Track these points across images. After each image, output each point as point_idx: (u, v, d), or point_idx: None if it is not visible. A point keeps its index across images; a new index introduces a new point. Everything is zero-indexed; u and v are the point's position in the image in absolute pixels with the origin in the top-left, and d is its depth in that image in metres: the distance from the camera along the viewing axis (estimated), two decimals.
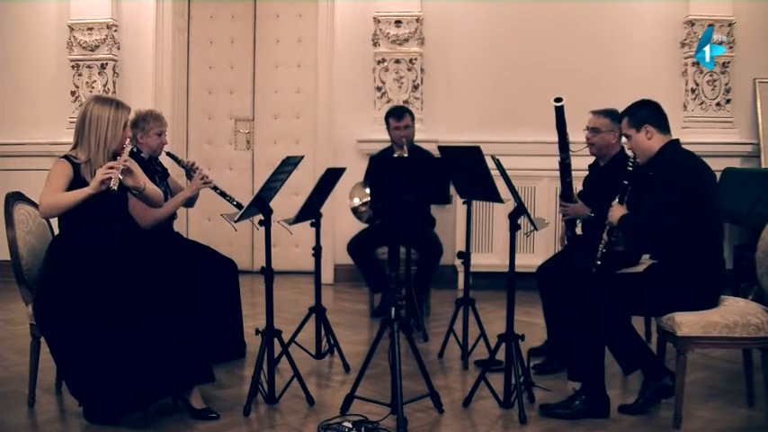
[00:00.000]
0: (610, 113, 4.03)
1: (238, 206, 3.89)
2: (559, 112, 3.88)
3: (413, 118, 5.15)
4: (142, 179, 3.26)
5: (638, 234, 3.35)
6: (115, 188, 3.04)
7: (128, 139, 3.27)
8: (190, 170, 4.04)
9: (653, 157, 3.29)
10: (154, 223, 3.82)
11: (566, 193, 4.07)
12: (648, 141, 3.28)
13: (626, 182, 3.39)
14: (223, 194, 4.02)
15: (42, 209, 3.12)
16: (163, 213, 3.86)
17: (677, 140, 3.32)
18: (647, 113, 3.31)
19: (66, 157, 3.20)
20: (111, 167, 3.06)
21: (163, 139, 4.01)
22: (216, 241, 4.72)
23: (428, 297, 5.17)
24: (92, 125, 3.17)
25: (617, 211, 3.35)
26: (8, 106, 6.32)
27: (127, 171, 3.14)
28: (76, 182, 3.15)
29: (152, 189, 3.38)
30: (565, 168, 4.01)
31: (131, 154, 3.93)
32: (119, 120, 3.20)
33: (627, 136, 3.36)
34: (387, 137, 5.23)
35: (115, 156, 3.21)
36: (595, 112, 4.07)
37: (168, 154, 4.15)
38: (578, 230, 4.23)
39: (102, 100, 3.25)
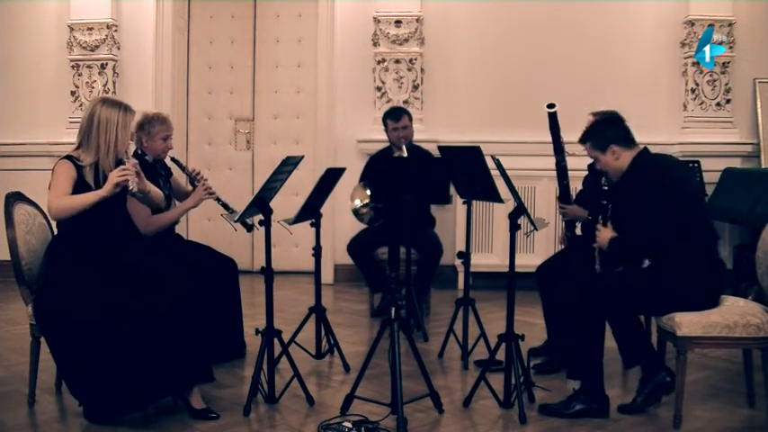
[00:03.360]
0: (609, 114, 4.02)
1: (241, 220, 3.81)
2: (552, 117, 3.89)
3: (411, 118, 5.15)
4: (147, 185, 3.28)
5: (629, 253, 3.32)
6: (135, 189, 3.08)
7: (130, 142, 3.27)
8: (194, 179, 4.01)
9: (625, 173, 3.27)
10: (155, 231, 3.81)
11: (563, 195, 4.08)
12: (617, 161, 3.26)
13: (604, 201, 3.36)
14: (226, 206, 3.99)
15: (53, 211, 3.11)
16: (164, 221, 3.86)
17: (645, 149, 3.29)
18: (610, 134, 3.27)
19: (68, 157, 3.19)
20: (125, 170, 3.07)
21: (168, 143, 3.98)
22: (216, 241, 4.72)
23: (428, 297, 5.17)
24: (100, 128, 3.15)
25: (604, 234, 3.30)
26: (8, 106, 6.31)
27: (138, 174, 3.15)
28: (79, 183, 3.14)
29: (156, 192, 3.40)
30: (561, 171, 4.02)
31: (135, 155, 3.94)
32: (127, 124, 3.20)
33: (594, 158, 3.34)
34: (386, 137, 5.23)
35: (119, 160, 3.21)
36: (595, 114, 4.07)
37: (173, 159, 4.12)
38: (578, 231, 4.23)
39: (111, 102, 3.23)
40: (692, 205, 3.19)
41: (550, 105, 3.88)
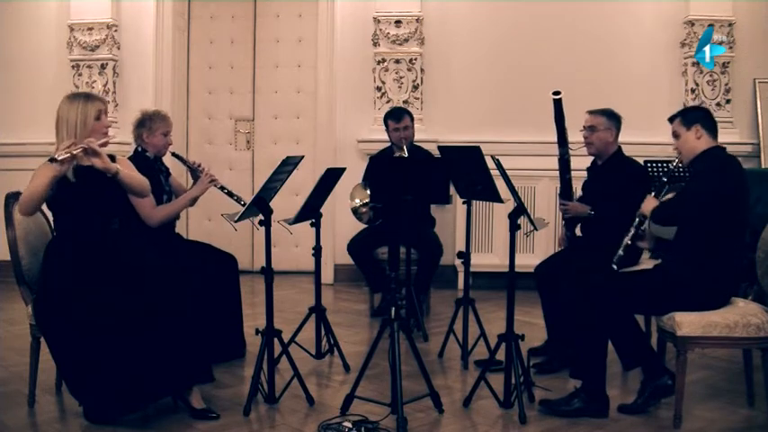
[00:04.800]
0: (605, 112, 4.04)
1: (245, 205, 3.87)
2: (558, 105, 3.88)
3: (412, 119, 5.15)
4: (113, 165, 3.17)
5: (670, 222, 3.35)
6: (59, 159, 2.97)
7: (107, 129, 3.25)
8: (195, 170, 4.04)
9: (695, 159, 3.30)
10: (162, 221, 3.84)
11: (565, 191, 4.08)
12: (696, 141, 3.28)
13: (665, 179, 3.43)
14: (230, 194, 4.02)
15: (20, 205, 3.12)
16: (169, 211, 3.88)
17: (724, 147, 3.32)
18: (700, 115, 3.33)
19: (52, 159, 3.18)
20: (67, 146, 3.03)
21: (168, 139, 4.03)
22: (216, 241, 4.70)
23: (428, 297, 5.18)
24: (61, 122, 3.18)
25: (650, 202, 3.38)
26: (8, 106, 6.31)
27: (91, 152, 3.07)
28: (60, 180, 3.10)
29: (130, 176, 3.27)
30: (564, 164, 4.02)
31: (136, 153, 3.97)
32: (89, 111, 3.19)
33: (676, 135, 3.35)
34: (387, 137, 5.23)
35: None
36: (591, 112, 4.08)
37: (173, 154, 4.16)
38: (578, 232, 4.23)
39: (73, 96, 3.26)
40: (738, 207, 3.21)
41: (556, 92, 3.88)
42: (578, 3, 6.10)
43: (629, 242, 3.53)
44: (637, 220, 3.50)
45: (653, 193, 3.43)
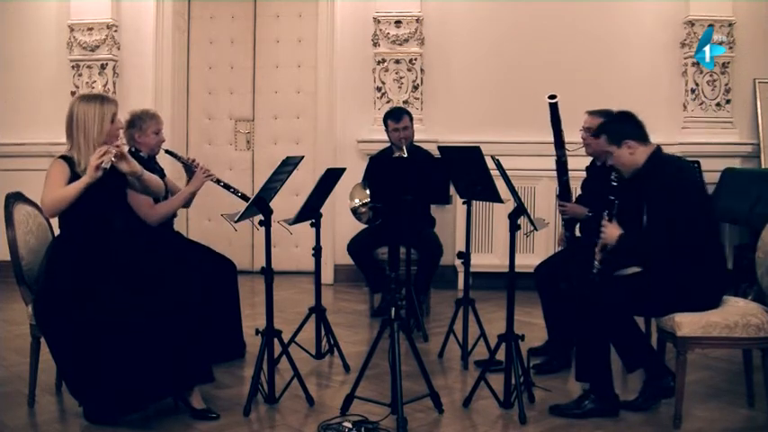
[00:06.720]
0: (605, 114, 4.02)
1: (243, 197, 3.89)
2: (554, 108, 3.88)
3: (411, 119, 5.14)
4: (139, 167, 3.26)
5: (640, 255, 3.29)
6: (107, 167, 3.06)
7: (120, 131, 3.28)
8: (190, 166, 4.03)
9: (641, 170, 3.23)
10: (161, 219, 3.84)
11: (563, 192, 4.08)
12: (632, 156, 3.22)
13: (612, 197, 3.31)
14: (227, 187, 4.02)
15: (46, 206, 3.13)
16: (168, 209, 3.88)
17: (659, 147, 3.26)
18: (625, 128, 3.24)
19: (63, 157, 3.20)
20: (101, 151, 3.07)
21: (160, 137, 4.02)
22: (216, 241, 4.72)
23: (428, 297, 5.17)
24: (78, 124, 3.17)
25: (612, 230, 3.24)
26: (8, 106, 6.31)
27: (120, 156, 3.13)
28: (73, 181, 3.14)
29: (150, 176, 3.38)
30: (561, 166, 4.02)
31: (130, 154, 3.95)
32: (105, 114, 3.20)
33: (608, 153, 3.30)
34: (387, 137, 5.23)
35: None
36: (591, 113, 4.07)
37: (167, 152, 4.15)
38: (577, 232, 4.23)
39: (88, 97, 3.26)
40: (705, 207, 3.17)
41: (552, 96, 3.88)
42: (578, 2, 6.10)
43: (600, 267, 3.34)
44: (600, 247, 3.31)
45: (606, 217, 3.26)
